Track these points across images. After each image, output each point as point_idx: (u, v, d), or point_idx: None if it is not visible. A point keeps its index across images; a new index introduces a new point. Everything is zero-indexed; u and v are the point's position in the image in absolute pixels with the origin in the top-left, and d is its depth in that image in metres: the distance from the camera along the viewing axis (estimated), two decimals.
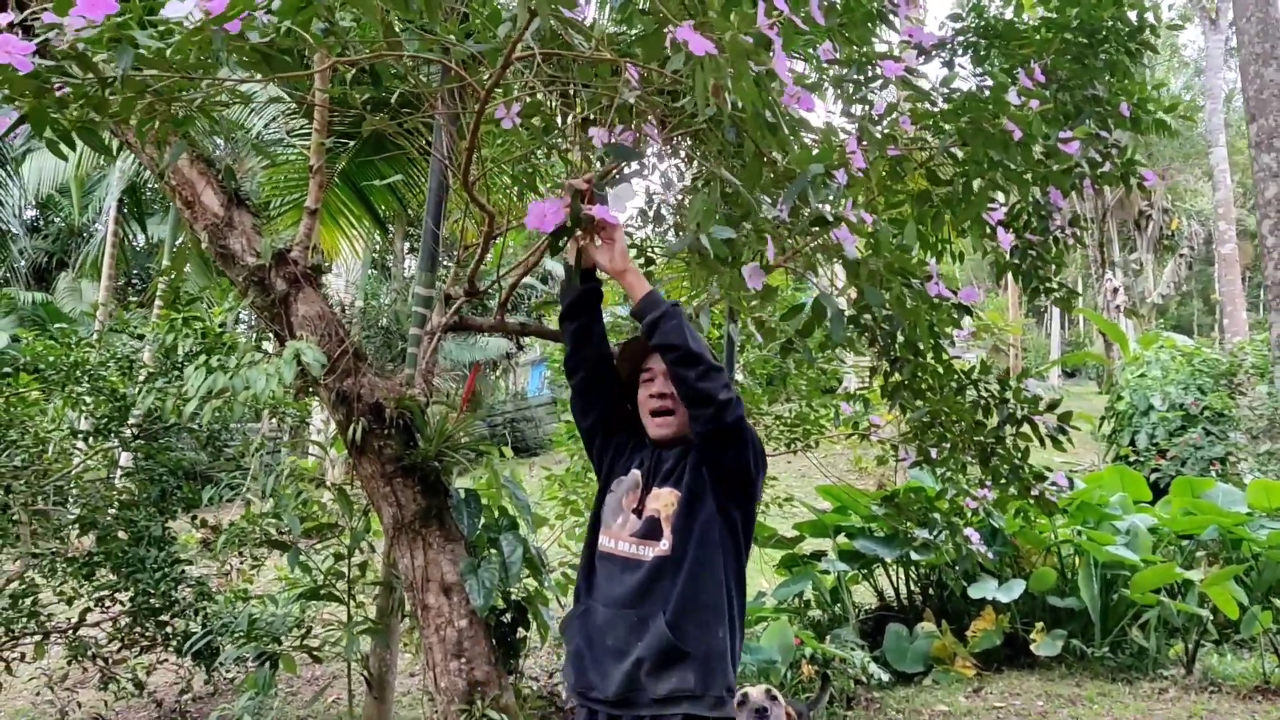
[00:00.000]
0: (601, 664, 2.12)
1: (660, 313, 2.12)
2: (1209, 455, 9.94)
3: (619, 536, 2.20)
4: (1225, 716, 4.54)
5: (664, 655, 2.04)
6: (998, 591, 5.89)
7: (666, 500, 2.17)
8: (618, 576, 2.16)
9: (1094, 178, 3.97)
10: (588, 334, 2.33)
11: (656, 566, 2.11)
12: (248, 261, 3.65)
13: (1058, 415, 4.03)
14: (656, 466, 2.27)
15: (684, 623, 2.06)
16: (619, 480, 2.31)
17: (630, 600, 2.12)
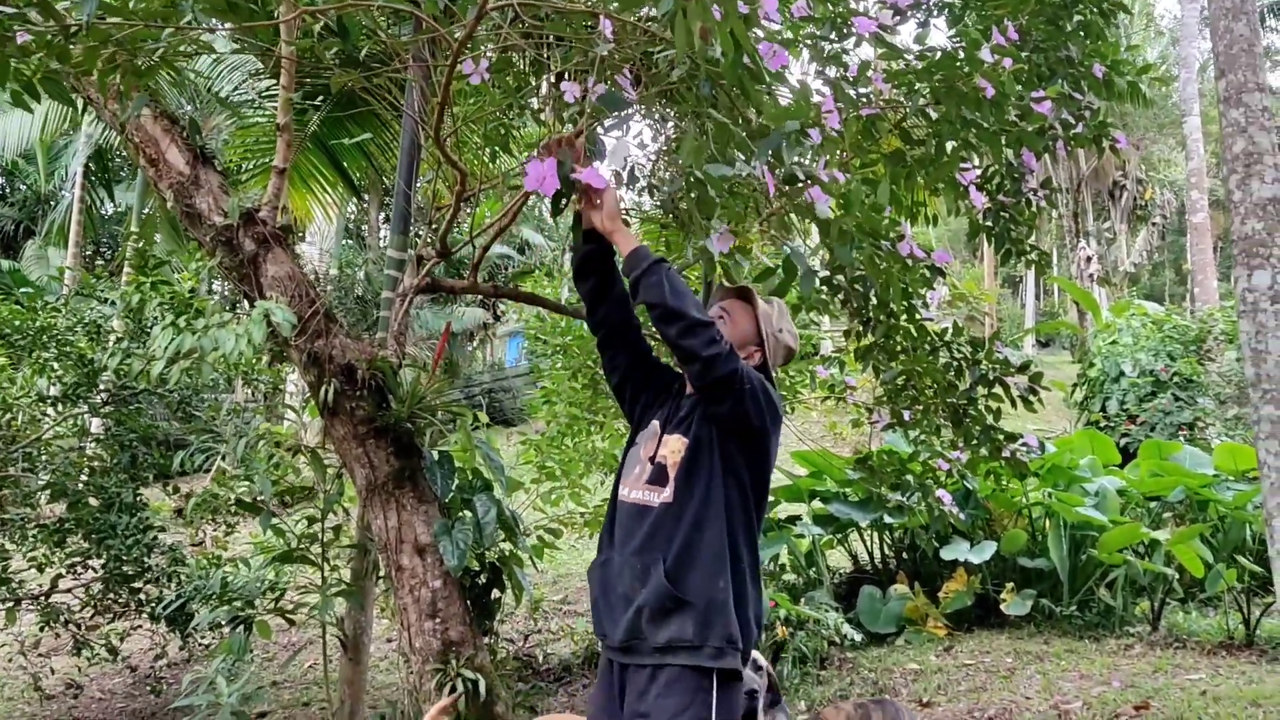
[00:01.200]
0: (613, 610, 2.15)
1: (641, 270, 2.10)
2: (1178, 420, 10.08)
3: (634, 485, 2.19)
4: (1189, 670, 4.63)
5: (662, 603, 2.05)
6: (969, 553, 5.97)
7: (674, 447, 2.16)
8: (629, 524, 2.17)
9: (1066, 139, 3.98)
10: (603, 292, 2.31)
11: (660, 514, 2.11)
12: (215, 221, 3.60)
13: (1029, 377, 4.07)
14: (673, 414, 2.26)
15: (683, 572, 2.06)
16: (642, 432, 2.30)
17: (636, 547, 2.13)
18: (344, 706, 4.12)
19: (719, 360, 2.05)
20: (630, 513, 2.18)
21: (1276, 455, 3.21)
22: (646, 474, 2.18)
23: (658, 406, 2.33)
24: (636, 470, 2.21)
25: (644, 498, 2.16)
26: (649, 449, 2.22)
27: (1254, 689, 4.12)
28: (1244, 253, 3.25)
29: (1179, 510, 6.50)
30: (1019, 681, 4.66)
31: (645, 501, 2.15)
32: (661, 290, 2.06)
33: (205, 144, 3.73)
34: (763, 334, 2.30)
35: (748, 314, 2.32)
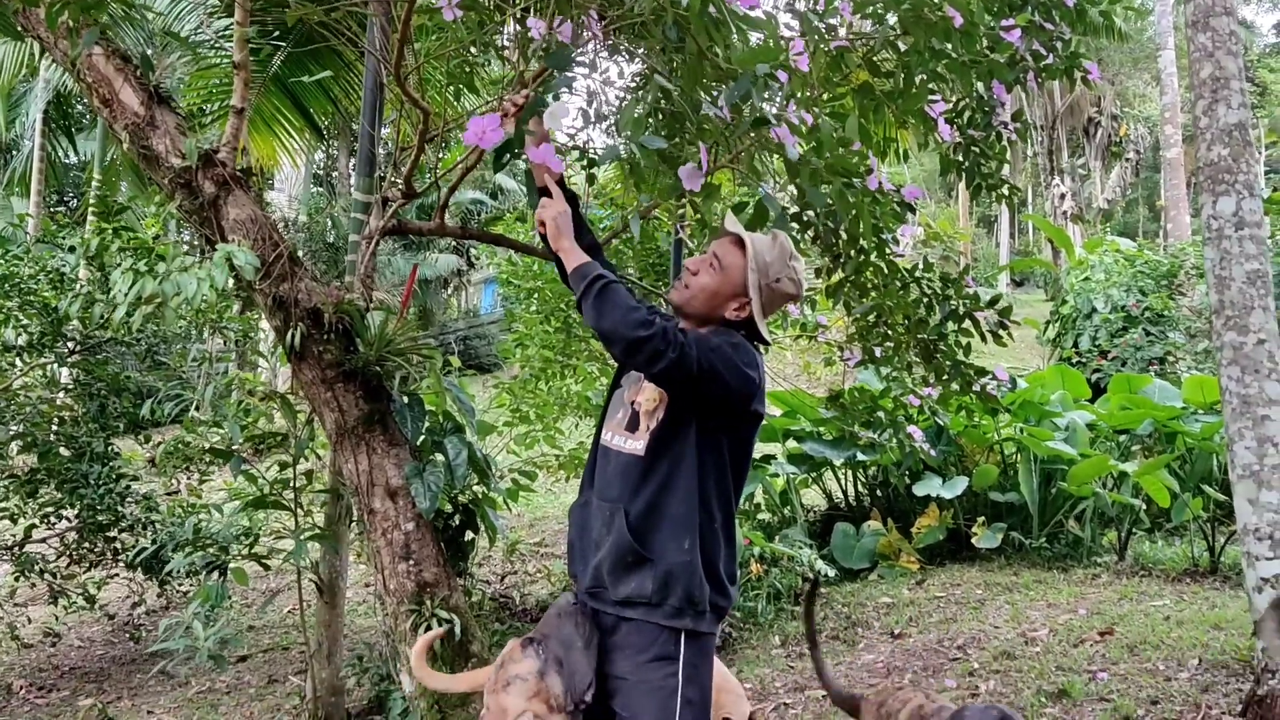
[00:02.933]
0: (585, 555, 2.13)
1: (579, 293, 2.02)
2: (1148, 355, 10.19)
3: (615, 430, 2.16)
4: (1154, 597, 4.73)
5: (623, 556, 2.01)
6: (942, 489, 6.05)
7: (650, 395, 2.11)
8: (605, 468, 2.14)
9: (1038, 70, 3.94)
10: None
11: (629, 464, 2.07)
12: (172, 163, 3.52)
13: (998, 311, 4.09)
14: None
15: (647, 528, 2.02)
16: (626, 375, 2.24)
17: (607, 493, 2.10)
18: (321, 649, 4.15)
19: (668, 369, 1.94)
20: (609, 457, 2.15)
21: (1238, 381, 3.24)
22: (626, 419, 2.14)
23: None
24: (619, 415, 2.17)
25: (619, 444, 2.12)
26: (633, 392, 2.17)
27: (1216, 613, 4.23)
28: (1209, 179, 3.25)
29: (1148, 443, 6.60)
30: (988, 611, 4.76)
31: (619, 448, 2.12)
32: (595, 314, 1.98)
33: (160, 83, 3.62)
34: (751, 285, 2.18)
35: (739, 262, 2.16)
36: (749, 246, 2.15)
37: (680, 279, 2.21)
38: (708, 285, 2.16)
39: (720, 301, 2.16)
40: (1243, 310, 3.18)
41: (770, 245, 2.21)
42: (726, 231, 2.22)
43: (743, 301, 2.15)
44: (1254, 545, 3.07)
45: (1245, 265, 3.18)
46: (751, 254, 2.13)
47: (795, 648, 4.67)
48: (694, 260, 2.19)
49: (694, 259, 2.20)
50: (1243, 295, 3.18)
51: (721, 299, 2.16)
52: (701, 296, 2.16)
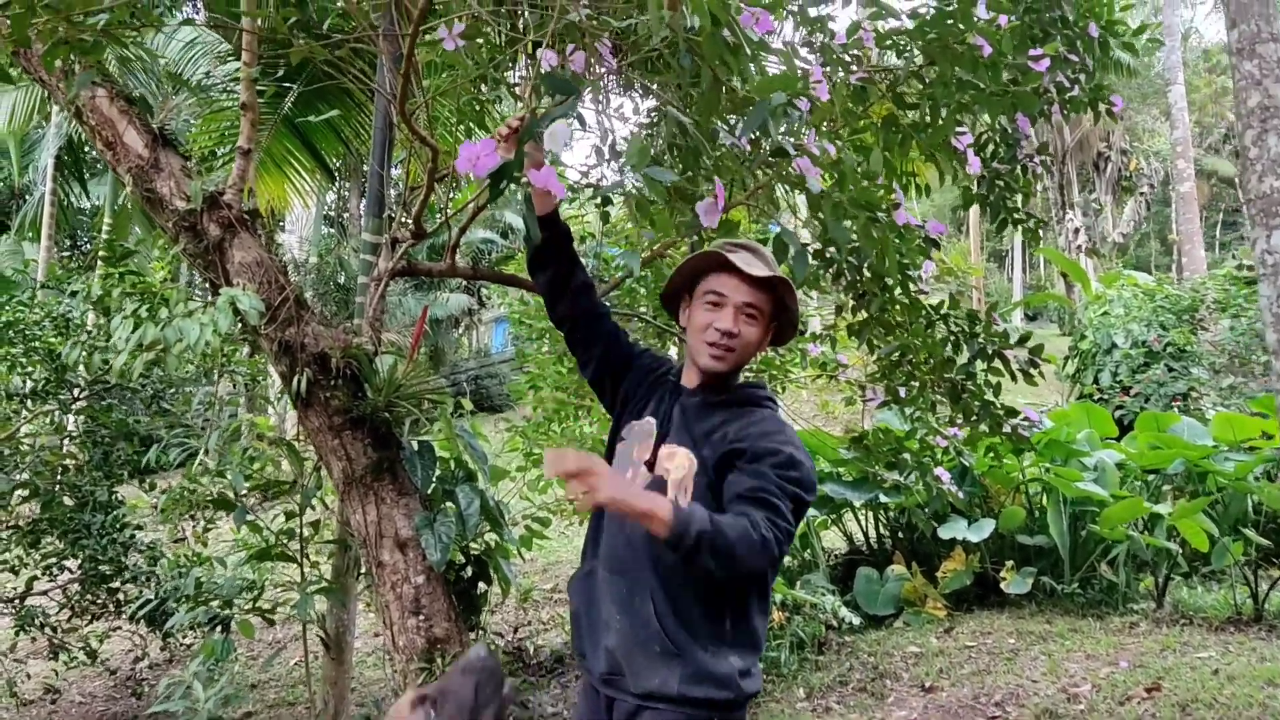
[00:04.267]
0: (594, 634, 1.89)
1: (686, 554, 1.66)
2: (1172, 391, 9.99)
3: None
4: (1199, 648, 4.52)
5: (646, 646, 1.78)
6: (967, 531, 5.86)
7: (681, 463, 1.86)
8: (618, 536, 1.89)
9: (1062, 103, 3.84)
10: (562, 283, 2.06)
11: (652, 539, 1.75)
12: (177, 206, 3.43)
13: (1029, 349, 3.94)
14: (673, 415, 1.96)
15: (675, 616, 1.79)
16: (630, 426, 2.01)
17: (622, 567, 1.86)
18: (328, 707, 3.98)
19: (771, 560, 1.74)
20: (618, 522, 1.89)
21: None
22: (641, 483, 1.88)
23: (646, 395, 2.05)
24: (629, 474, 1.92)
25: None
26: (644, 450, 1.93)
27: (1268, 667, 4.02)
28: (1262, 212, 3.10)
29: (1178, 482, 6.40)
30: (1023, 663, 4.55)
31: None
32: (723, 564, 1.67)
33: (165, 125, 3.54)
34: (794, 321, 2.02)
35: (770, 310, 1.96)
36: (791, 284, 1.97)
37: (711, 344, 1.91)
38: (753, 340, 1.94)
39: (755, 350, 1.99)
40: None
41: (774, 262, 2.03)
42: (738, 272, 1.91)
43: (768, 334, 2.01)
44: None
45: None
46: (791, 289, 1.98)
47: (820, 700, 4.47)
48: (725, 319, 1.90)
49: (722, 317, 1.91)
50: None
51: (756, 347, 1.99)
52: (746, 354, 1.95)
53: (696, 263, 1.98)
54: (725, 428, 1.88)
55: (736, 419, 1.90)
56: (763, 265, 1.94)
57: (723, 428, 1.88)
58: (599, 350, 2.10)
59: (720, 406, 1.93)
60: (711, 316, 1.91)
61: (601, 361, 2.11)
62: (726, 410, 1.92)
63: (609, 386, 2.13)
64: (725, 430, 1.88)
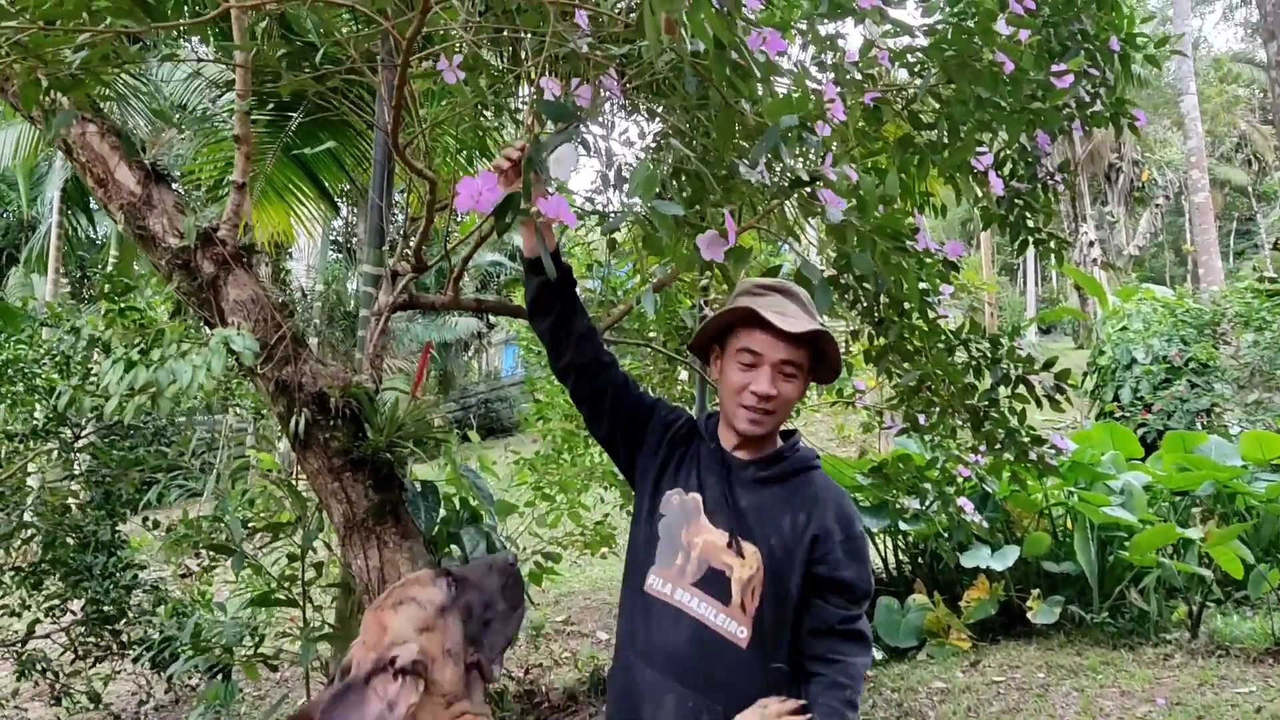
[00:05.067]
0: None
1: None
2: (1195, 407, 9.78)
3: (676, 581, 1.74)
4: (1237, 682, 4.34)
5: None
6: (991, 559, 5.69)
7: (749, 563, 1.71)
8: (671, 633, 1.71)
9: (1083, 118, 3.72)
10: (565, 330, 1.89)
11: (718, 646, 1.69)
12: (170, 243, 3.32)
13: (1054, 373, 3.80)
14: (728, 491, 1.79)
15: None
16: (669, 497, 1.82)
17: (684, 675, 1.69)
18: None
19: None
20: (671, 617, 1.73)
21: None
22: (694, 572, 1.73)
23: (676, 458, 1.88)
24: (677, 558, 1.75)
25: (699, 610, 1.71)
26: (693, 533, 1.76)
27: None
28: None
29: (1208, 505, 6.21)
30: (1055, 700, 4.37)
31: (700, 616, 1.70)
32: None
33: (157, 160, 3.44)
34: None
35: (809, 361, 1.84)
36: (830, 335, 1.84)
37: (748, 408, 1.78)
38: (792, 398, 1.82)
39: (795, 405, 1.89)
40: None
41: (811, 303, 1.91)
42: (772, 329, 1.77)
43: (807, 383, 1.90)
44: None
45: None
46: (831, 339, 1.85)
47: None
48: (761, 381, 1.77)
49: (758, 379, 1.78)
50: None
51: (797, 401, 1.87)
52: (785, 413, 1.84)
53: (727, 317, 1.85)
54: (791, 517, 1.76)
55: (801, 503, 1.78)
56: (798, 312, 1.82)
57: (789, 516, 1.76)
58: (608, 404, 1.93)
59: (775, 481, 1.82)
60: (747, 378, 1.78)
61: (613, 416, 1.94)
62: (783, 486, 1.81)
63: (623, 444, 1.96)
64: (795, 520, 1.76)
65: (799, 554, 1.73)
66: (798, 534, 1.74)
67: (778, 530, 1.74)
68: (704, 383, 4.86)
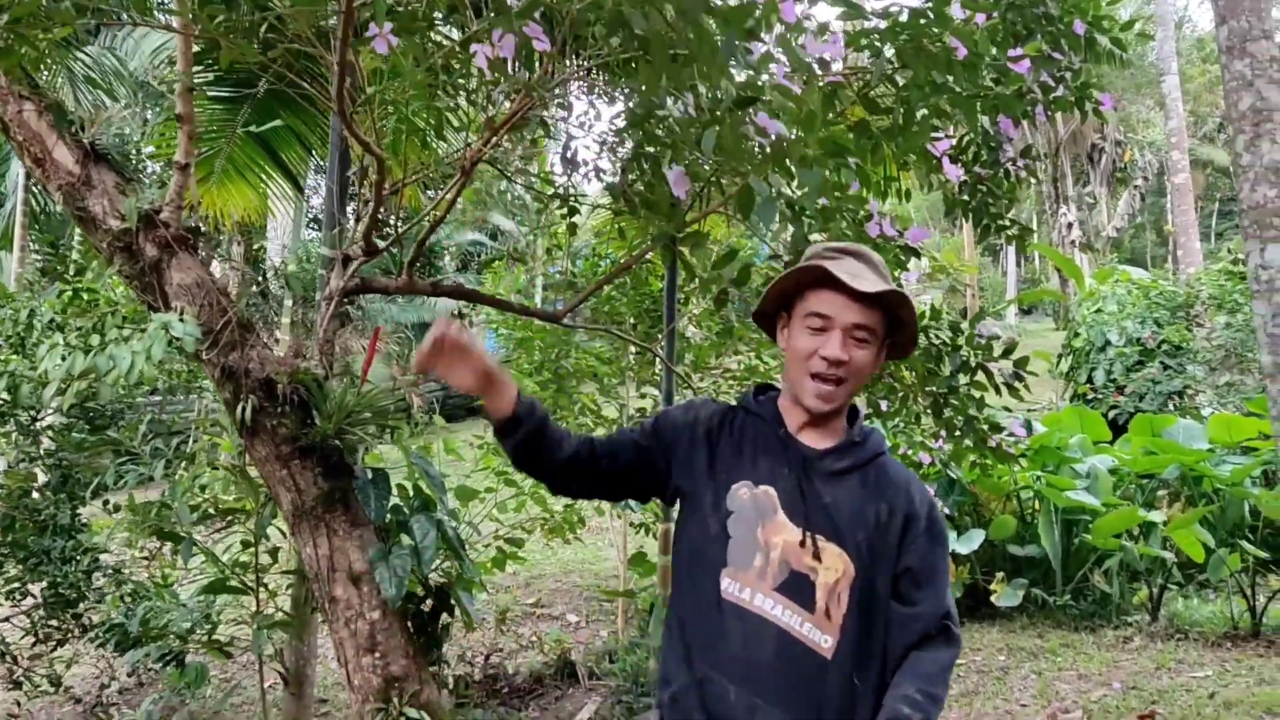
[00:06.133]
0: None
1: None
2: (1167, 389, 9.83)
3: (755, 586, 1.57)
4: (1194, 666, 4.36)
5: None
6: (957, 543, 5.70)
7: (834, 565, 1.57)
8: (755, 645, 1.55)
9: (1046, 103, 3.68)
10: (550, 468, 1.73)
11: (812, 663, 1.55)
12: (111, 225, 3.25)
13: (1013, 361, 3.79)
14: (805, 484, 1.63)
15: None
16: (735, 491, 1.64)
17: (772, 692, 1.53)
18: None
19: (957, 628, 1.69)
20: (753, 627, 1.56)
21: None
22: (776, 575, 1.57)
23: (734, 450, 1.70)
24: (756, 562, 1.58)
25: (787, 620, 1.55)
26: (771, 531, 1.59)
27: (1267, 692, 3.85)
28: (1255, 224, 2.92)
29: (1174, 488, 6.24)
30: (1013, 683, 4.39)
31: (789, 627, 1.55)
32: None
33: (97, 139, 3.36)
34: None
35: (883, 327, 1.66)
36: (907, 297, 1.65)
37: (817, 376, 1.62)
38: (865, 365, 1.65)
39: (868, 375, 1.70)
40: None
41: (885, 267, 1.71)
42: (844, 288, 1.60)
43: (882, 353, 1.71)
44: None
45: None
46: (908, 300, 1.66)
47: None
48: (832, 345, 1.60)
49: (829, 343, 1.60)
50: None
51: (870, 371, 1.69)
52: (858, 384, 1.67)
53: (795, 278, 1.66)
54: (875, 508, 1.63)
55: (881, 492, 1.65)
56: (873, 274, 1.63)
57: (873, 507, 1.63)
58: (621, 479, 1.78)
59: (852, 471, 1.66)
60: (816, 342, 1.61)
61: (634, 480, 1.78)
62: (860, 475, 1.66)
63: (656, 483, 1.77)
64: (879, 511, 1.63)
65: (889, 548, 1.61)
66: (884, 525, 1.62)
67: (864, 525, 1.60)
68: (670, 373, 4.82)
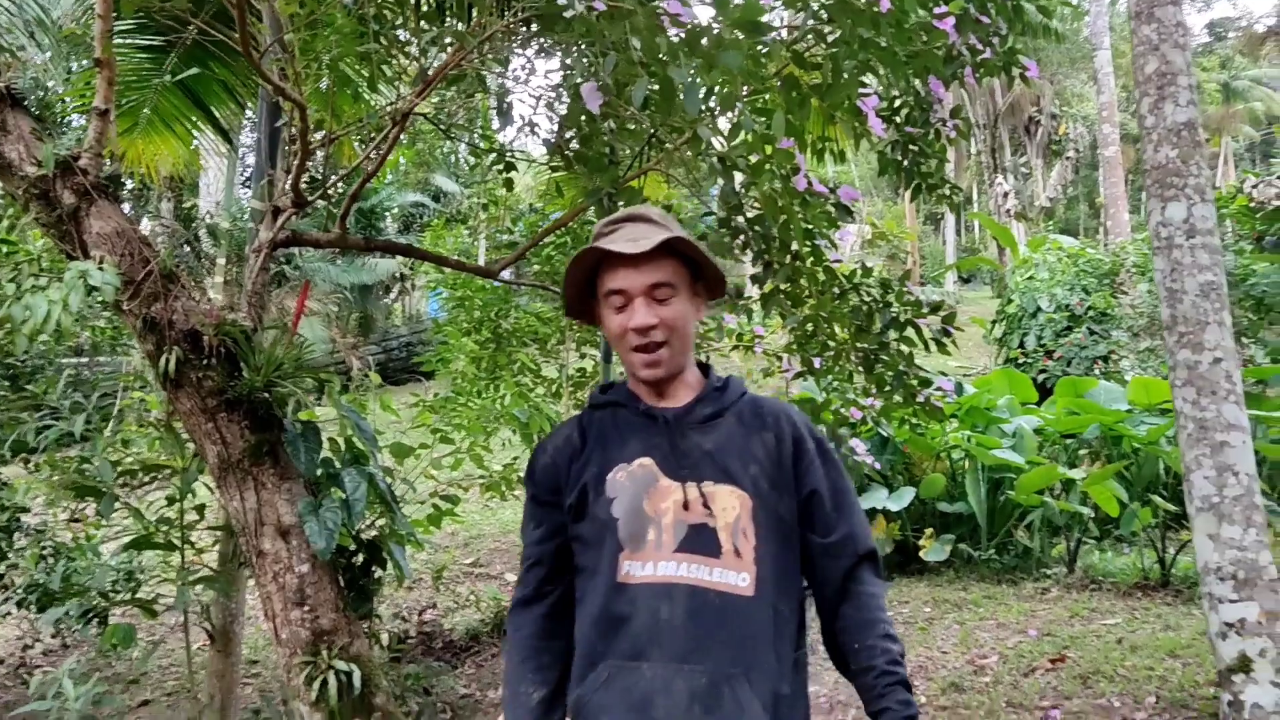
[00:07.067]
0: None
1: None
2: (1093, 354, 10.11)
3: (655, 556, 1.48)
4: (1106, 614, 4.54)
5: None
6: (888, 500, 5.83)
7: (729, 503, 1.50)
8: (664, 613, 1.45)
9: (974, 65, 3.74)
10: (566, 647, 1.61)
11: (733, 607, 1.46)
12: (27, 172, 3.15)
13: (941, 318, 3.87)
14: (682, 445, 1.57)
15: (782, 707, 1.46)
16: (612, 478, 1.56)
17: (691, 651, 1.43)
18: (213, 702, 3.80)
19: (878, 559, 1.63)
20: (661, 596, 1.46)
21: (1193, 404, 3.00)
22: (672, 540, 1.49)
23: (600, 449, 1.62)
24: (650, 536, 1.50)
25: (690, 574, 1.46)
26: (657, 500, 1.52)
27: (1171, 637, 4.03)
28: (1157, 183, 3.02)
29: (1095, 447, 6.44)
30: (937, 633, 4.53)
31: (693, 580, 1.46)
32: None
33: (12, 84, 3.24)
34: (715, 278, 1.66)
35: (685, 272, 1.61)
36: (682, 235, 1.58)
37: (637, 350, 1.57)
38: (681, 315, 1.58)
39: (691, 324, 1.62)
40: (1196, 326, 2.95)
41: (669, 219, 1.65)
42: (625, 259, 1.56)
43: (700, 306, 1.66)
44: (1215, 586, 2.83)
45: (1198, 277, 2.95)
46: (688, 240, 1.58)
47: None
48: (635, 315, 1.55)
49: (633, 313, 1.56)
50: (1196, 309, 2.95)
51: (693, 322, 1.62)
52: (683, 336, 1.59)
53: (581, 266, 1.62)
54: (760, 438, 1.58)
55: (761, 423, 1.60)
56: (650, 230, 1.58)
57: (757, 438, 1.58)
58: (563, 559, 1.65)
59: (724, 413, 1.61)
60: (623, 318, 1.57)
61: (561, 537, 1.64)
62: (734, 415, 1.61)
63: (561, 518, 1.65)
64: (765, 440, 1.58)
65: (785, 474, 1.56)
66: (774, 453, 1.57)
67: (753, 459, 1.55)
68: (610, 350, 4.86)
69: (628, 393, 1.66)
